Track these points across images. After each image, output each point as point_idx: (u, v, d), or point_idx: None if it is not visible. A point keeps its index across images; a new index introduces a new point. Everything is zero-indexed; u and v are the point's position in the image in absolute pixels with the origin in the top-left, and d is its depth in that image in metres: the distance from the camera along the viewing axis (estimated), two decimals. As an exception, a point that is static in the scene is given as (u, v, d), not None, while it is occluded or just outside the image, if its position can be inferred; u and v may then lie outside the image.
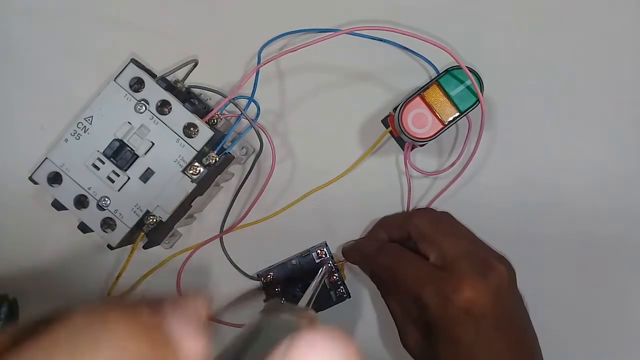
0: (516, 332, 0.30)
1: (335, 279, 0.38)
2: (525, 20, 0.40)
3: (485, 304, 0.29)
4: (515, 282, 0.31)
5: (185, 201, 0.34)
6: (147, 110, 0.33)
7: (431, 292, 0.30)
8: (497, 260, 0.31)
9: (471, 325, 0.29)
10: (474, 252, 0.31)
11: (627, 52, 0.39)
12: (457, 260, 0.30)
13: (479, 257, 0.30)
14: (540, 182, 0.39)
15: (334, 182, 0.39)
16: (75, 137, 0.33)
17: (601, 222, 0.39)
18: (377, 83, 0.40)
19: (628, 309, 0.39)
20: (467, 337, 0.29)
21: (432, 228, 0.33)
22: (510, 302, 0.30)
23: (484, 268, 0.30)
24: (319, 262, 0.38)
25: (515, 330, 0.30)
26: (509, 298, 0.30)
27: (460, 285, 0.29)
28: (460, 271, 0.30)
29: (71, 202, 0.33)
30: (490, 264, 0.30)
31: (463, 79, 0.35)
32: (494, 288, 0.29)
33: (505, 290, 0.30)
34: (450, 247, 0.31)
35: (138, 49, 0.40)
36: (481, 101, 0.34)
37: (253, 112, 0.37)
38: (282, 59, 0.40)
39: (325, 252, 0.38)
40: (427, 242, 0.32)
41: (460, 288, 0.29)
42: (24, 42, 0.41)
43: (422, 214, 0.35)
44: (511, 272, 0.31)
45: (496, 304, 0.29)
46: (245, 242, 0.39)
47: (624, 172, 0.39)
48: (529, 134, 0.39)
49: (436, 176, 0.39)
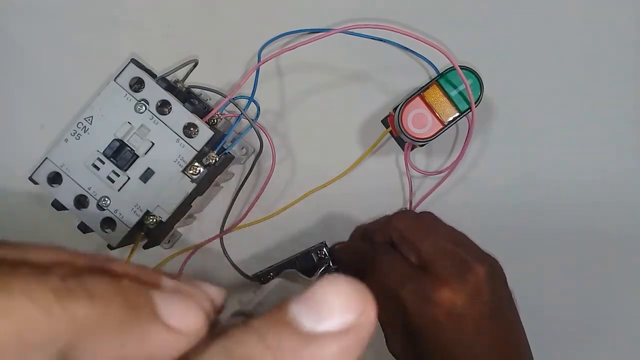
0: (498, 331, 0.30)
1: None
2: (526, 20, 0.40)
3: (464, 305, 0.28)
4: (500, 281, 0.31)
5: (185, 201, 0.34)
6: (147, 110, 0.33)
7: (410, 293, 0.29)
8: (477, 260, 0.30)
9: (451, 326, 0.28)
10: (453, 252, 0.30)
11: (627, 51, 0.39)
12: (436, 261, 0.30)
13: (458, 257, 0.30)
14: (540, 181, 0.39)
15: (334, 182, 0.39)
16: (75, 137, 0.33)
17: (601, 221, 0.39)
18: (377, 83, 0.40)
19: (628, 307, 0.39)
20: (448, 339, 0.28)
21: (411, 229, 0.32)
22: (492, 302, 0.30)
23: (462, 268, 0.29)
24: (318, 262, 0.38)
25: (498, 329, 0.30)
26: (489, 297, 0.29)
27: (438, 286, 0.29)
28: (439, 272, 0.29)
29: (71, 202, 0.33)
30: (469, 264, 0.29)
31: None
32: (471, 288, 0.29)
33: (485, 290, 0.29)
34: (429, 247, 0.30)
35: (138, 49, 0.40)
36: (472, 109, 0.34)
37: (253, 112, 0.37)
38: (282, 59, 0.40)
39: (325, 252, 0.38)
40: (407, 244, 0.32)
41: (438, 289, 0.28)
42: (24, 42, 0.41)
43: (400, 216, 0.34)
44: (494, 271, 0.30)
45: (475, 304, 0.28)
46: (245, 242, 0.39)
47: (624, 171, 0.39)
48: (529, 133, 0.39)
49: (436, 176, 0.39)
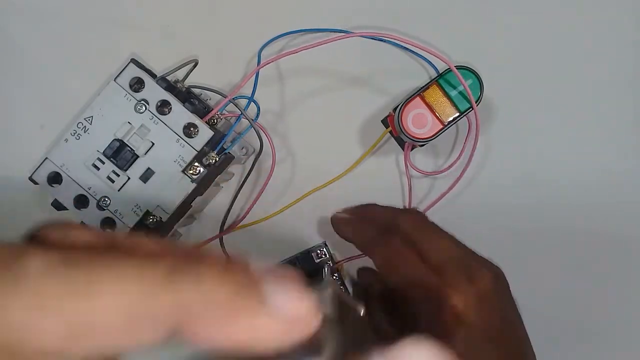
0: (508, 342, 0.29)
1: (335, 279, 0.38)
2: (526, 20, 0.40)
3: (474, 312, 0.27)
4: (506, 289, 0.30)
5: (185, 201, 0.34)
6: (147, 110, 0.33)
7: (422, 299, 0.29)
8: (485, 266, 0.29)
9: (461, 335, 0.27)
10: (462, 258, 0.30)
11: (627, 51, 0.39)
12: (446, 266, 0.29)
13: (467, 263, 0.29)
14: (540, 180, 0.39)
15: (334, 182, 0.39)
16: (75, 137, 0.33)
17: (601, 221, 0.39)
18: (377, 83, 0.40)
19: (628, 307, 0.39)
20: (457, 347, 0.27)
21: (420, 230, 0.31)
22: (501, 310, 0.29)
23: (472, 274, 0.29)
24: (318, 262, 0.38)
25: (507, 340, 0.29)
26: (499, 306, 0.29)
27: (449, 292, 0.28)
28: (449, 277, 0.28)
29: (71, 202, 0.33)
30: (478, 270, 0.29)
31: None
32: (480, 295, 0.28)
33: (494, 298, 0.28)
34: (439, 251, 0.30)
35: (138, 49, 0.40)
36: (474, 108, 0.34)
37: (253, 112, 0.37)
38: (282, 60, 0.40)
39: (325, 252, 0.38)
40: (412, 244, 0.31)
41: (450, 295, 0.28)
42: (24, 42, 0.41)
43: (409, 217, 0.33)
44: (501, 279, 0.30)
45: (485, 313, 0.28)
46: (245, 243, 0.39)
47: (624, 171, 0.39)
48: (529, 133, 0.39)
49: (436, 176, 0.39)
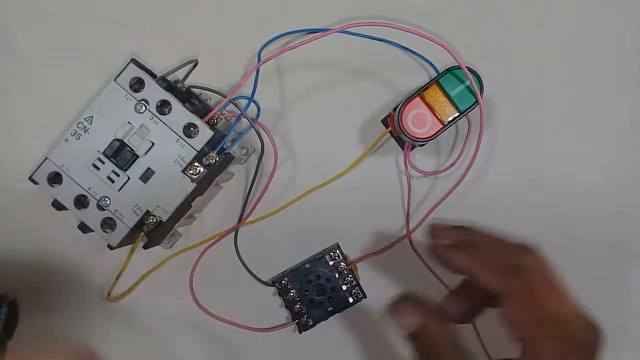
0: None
1: (350, 279, 0.38)
2: (526, 20, 0.40)
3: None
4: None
5: (185, 201, 0.34)
6: (147, 110, 0.33)
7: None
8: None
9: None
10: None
11: (627, 52, 0.39)
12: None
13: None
14: (540, 181, 0.39)
15: (334, 182, 0.39)
16: (75, 137, 0.33)
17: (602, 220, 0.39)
18: (377, 83, 0.40)
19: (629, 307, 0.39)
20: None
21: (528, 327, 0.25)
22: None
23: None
24: (332, 264, 0.38)
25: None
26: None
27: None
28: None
29: (71, 202, 0.33)
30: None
31: (463, 79, 0.35)
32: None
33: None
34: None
35: (138, 49, 0.40)
36: (480, 102, 0.34)
37: (253, 112, 0.37)
38: (282, 60, 0.40)
39: (339, 254, 0.38)
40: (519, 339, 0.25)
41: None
42: (24, 42, 0.41)
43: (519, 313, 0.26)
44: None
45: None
46: (246, 242, 0.39)
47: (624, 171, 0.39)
48: (529, 133, 0.39)
49: (436, 176, 0.39)
